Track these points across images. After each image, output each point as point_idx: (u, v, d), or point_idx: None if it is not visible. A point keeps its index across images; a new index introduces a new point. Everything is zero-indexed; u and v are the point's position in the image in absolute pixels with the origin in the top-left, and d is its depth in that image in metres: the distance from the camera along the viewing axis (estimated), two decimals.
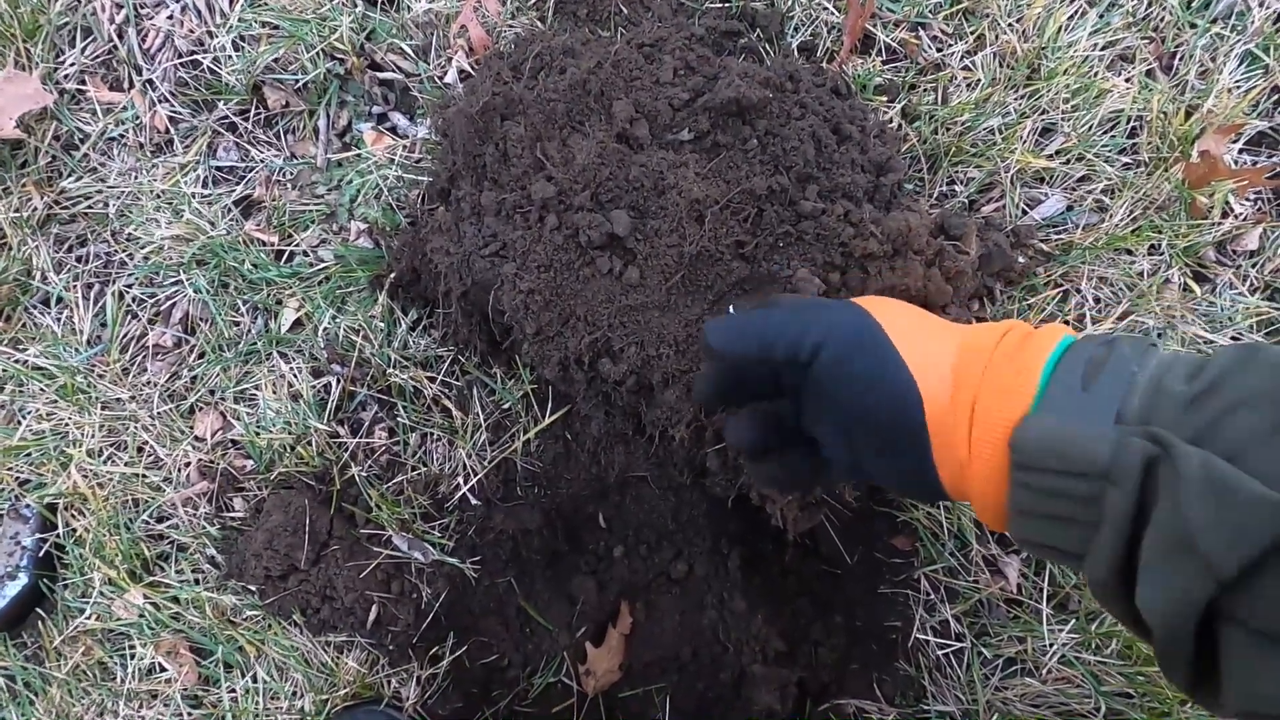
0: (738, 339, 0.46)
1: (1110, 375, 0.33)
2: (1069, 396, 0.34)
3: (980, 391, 0.37)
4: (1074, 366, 0.35)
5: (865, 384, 0.41)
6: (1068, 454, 0.32)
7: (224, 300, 0.84)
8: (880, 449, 0.42)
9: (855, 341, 0.42)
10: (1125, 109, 0.82)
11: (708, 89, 0.71)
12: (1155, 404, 0.32)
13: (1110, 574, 0.32)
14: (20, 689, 0.79)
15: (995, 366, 0.38)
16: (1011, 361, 0.37)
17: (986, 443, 0.36)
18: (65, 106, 0.88)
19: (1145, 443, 0.30)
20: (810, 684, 0.85)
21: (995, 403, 0.37)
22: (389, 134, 0.87)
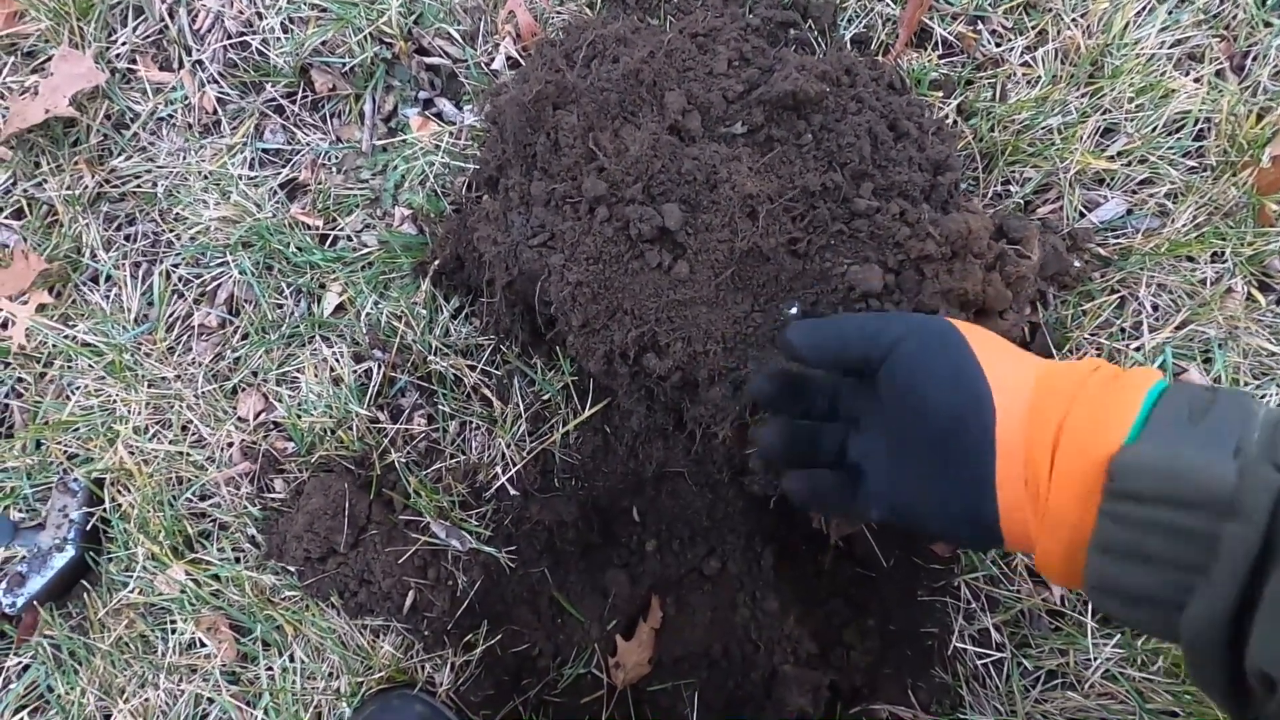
0: (820, 339, 0.45)
1: (1222, 410, 0.31)
2: (1177, 428, 0.31)
3: (1069, 418, 0.35)
4: (1176, 403, 0.32)
5: (938, 383, 0.40)
6: (1180, 481, 0.29)
7: (268, 282, 0.84)
8: (935, 467, 0.40)
9: (937, 341, 0.41)
10: (1193, 110, 0.79)
11: (763, 81, 0.69)
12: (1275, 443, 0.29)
13: (1217, 625, 0.28)
14: (65, 658, 0.81)
15: (1088, 396, 0.35)
16: (1106, 392, 0.35)
17: (1072, 473, 0.33)
18: (116, 85, 0.89)
19: (1278, 474, 0.28)
20: (842, 687, 0.84)
21: (1087, 429, 0.33)
22: (435, 120, 0.86)
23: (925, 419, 0.40)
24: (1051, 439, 0.35)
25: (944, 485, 0.39)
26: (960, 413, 0.39)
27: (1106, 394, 0.35)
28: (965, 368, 0.39)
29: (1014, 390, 0.38)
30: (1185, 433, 0.31)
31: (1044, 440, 0.35)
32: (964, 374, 0.39)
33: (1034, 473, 0.35)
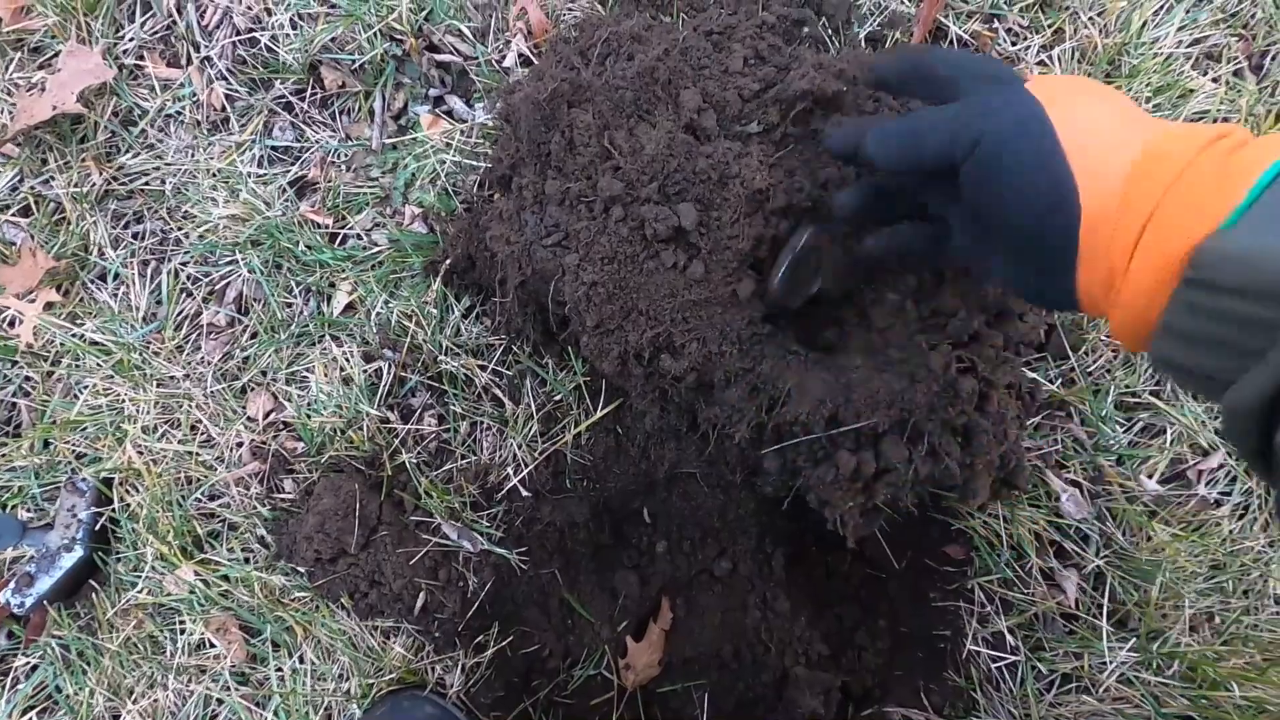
0: (899, 147, 0.44)
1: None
2: (1276, 219, 0.30)
3: (1163, 203, 0.33)
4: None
5: (1018, 186, 0.38)
6: (1261, 273, 0.29)
7: (277, 281, 0.84)
8: (1017, 260, 0.40)
9: (1016, 132, 0.38)
10: (1211, 110, 0.79)
11: (779, 80, 0.68)
12: None
13: (1257, 403, 0.28)
14: (74, 658, 0.81)
15: (1189, 179, 0.33)
16: (1213, 173, 0.33)
17: (1157, 254, 0.33)
18: (124, 82, 0.88)
19: None
20: (854, 689, 0.84)
21: (1181, 216, 0.33)
22: (445, 118, 0.86)
23: (1008, 223, 0.40)
24: (1138, 228, 0.34)
25: (1026, 273, 0.41)
26: (1040, 216, 0.38)
27: (1212, 175, 0.33)
28: (1048, 164, 0.37)
29: (1105, 177, 0.36)
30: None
31: (1131, 228, 0.34)
32: (1046, 171, 0.37)
33: (1115, 259, 0.35)
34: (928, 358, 0.61)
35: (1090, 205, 0.36)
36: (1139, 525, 0.75)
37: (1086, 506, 0.75)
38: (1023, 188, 0.38)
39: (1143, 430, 0.78)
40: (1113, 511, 0.76)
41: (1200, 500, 0.76)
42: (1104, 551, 0.75)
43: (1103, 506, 0.76)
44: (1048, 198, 0.37)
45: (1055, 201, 0.37)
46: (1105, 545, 0.76)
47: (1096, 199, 0.36)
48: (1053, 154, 0.37)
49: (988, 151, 0.39)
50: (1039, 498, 0.77)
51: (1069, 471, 0.77)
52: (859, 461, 0.62)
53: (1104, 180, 0.36)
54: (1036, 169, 0.38)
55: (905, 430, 0.61)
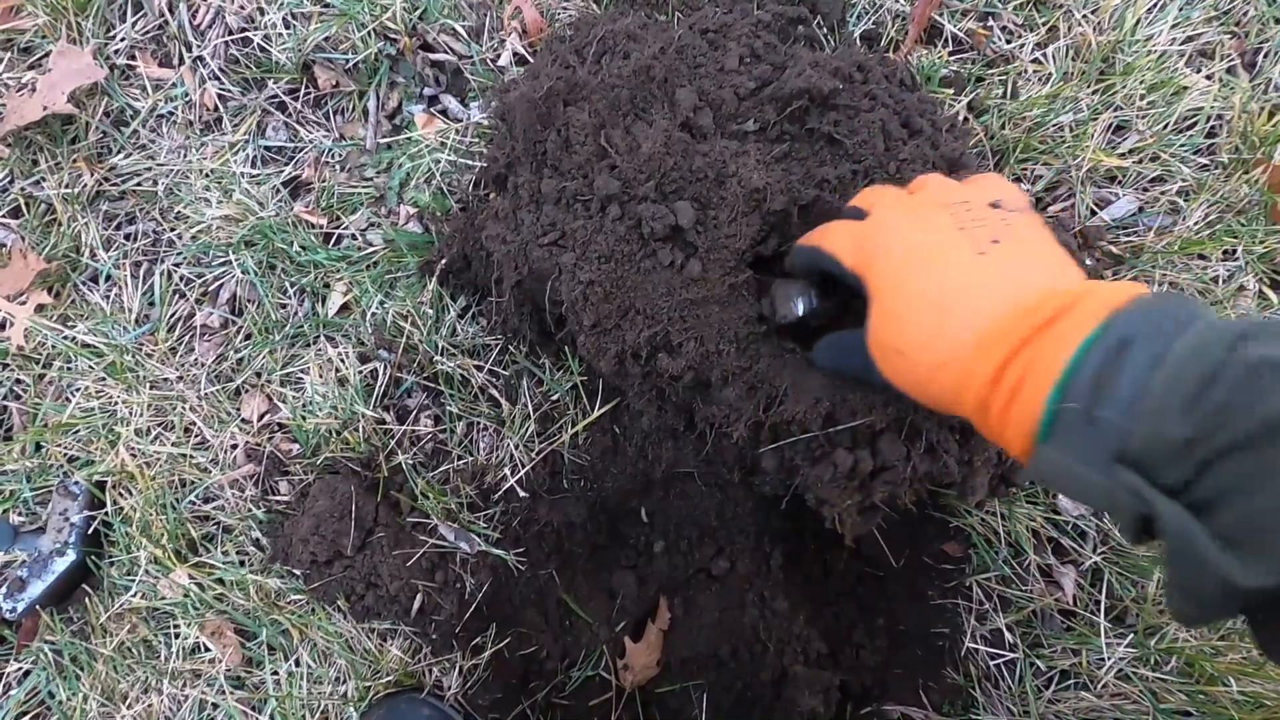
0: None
1: (1113, 404, 0.35)
2: (1074, 432, 0.36)
3: (998, 390, 0.40)
4: (1083, 387, 0.36)
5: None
6: (1075, 493, 0.37)
7: (271, 282, 0.83)
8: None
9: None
10: (1204, 107, 0.79)
11: (775, 78, 0.68)
12: (1151, 447, 0.34)
13: (1136, 532, 0.36)
14: (67, 663, 0.80)
15: (1005, 379, 0.39)
16: (1019, 387, 0.39)
17: (1015, 441, 0.40)
18: (115, 82, 0.88)
19: (1135, 500, 0.34)
20: (853, 687, 0.84)
21: (1014, 420, 0.39)
22: (440, 117, 0.85)
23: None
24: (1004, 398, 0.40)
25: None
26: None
27: (1020, 392, 0.39)
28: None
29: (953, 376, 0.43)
30: (1081, 437, 0.36)
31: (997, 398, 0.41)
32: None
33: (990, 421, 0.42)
34: None
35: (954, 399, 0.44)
36: None
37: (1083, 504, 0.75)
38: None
39: None
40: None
41: None
42: (1101, 548, 0.75)
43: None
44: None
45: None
46: (1102, 542, 0.76)
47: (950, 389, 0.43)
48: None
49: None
50: (1036, 495, 0.77)
51: None
52: (856, 460, 0.62)
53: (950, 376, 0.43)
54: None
55: (903, 428, 0.61)
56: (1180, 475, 0.33)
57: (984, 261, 0.43)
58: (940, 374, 0.42)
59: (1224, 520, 0.31)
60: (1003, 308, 0.40)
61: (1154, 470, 0.33)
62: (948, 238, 0.45)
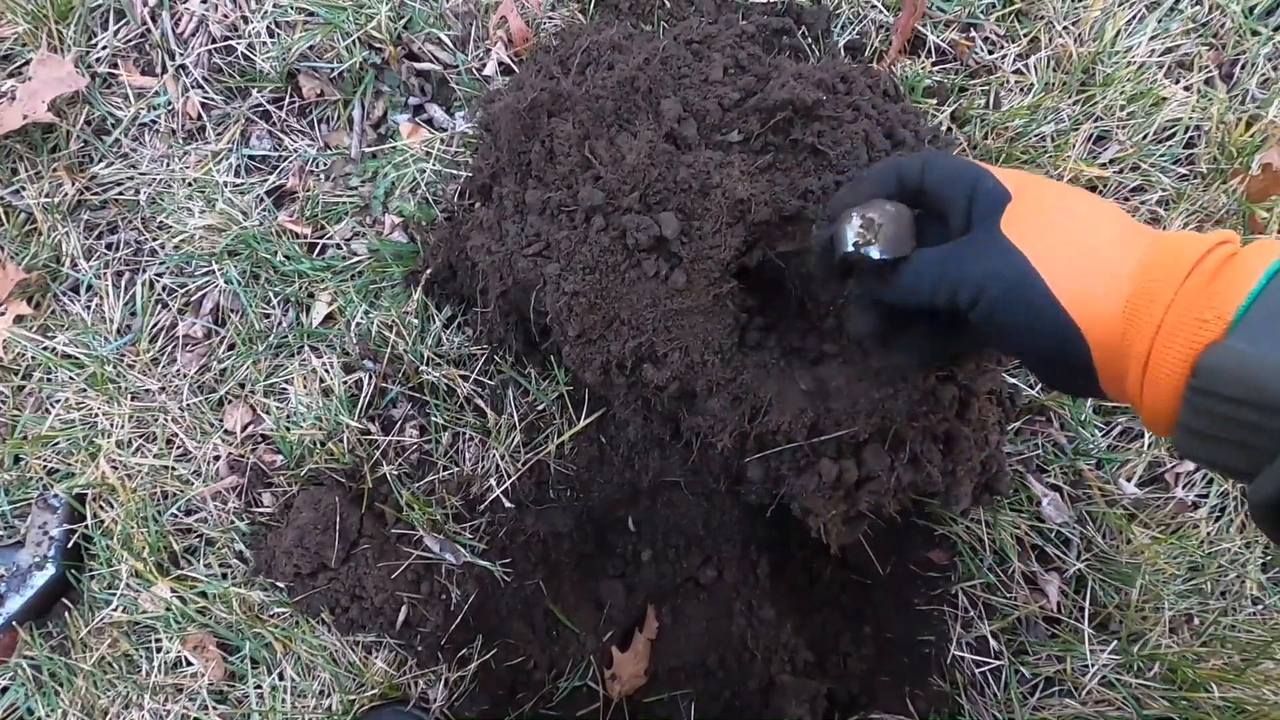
0: (906, 294, 0.46)
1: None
2: (1270, 323, 0.32)
3: (1167, 319, 0.36)
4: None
5: (1024, 334, 0.41)
6: (1258, 386, 0.31)
7: (255, 292, 0.83)
8: (1041, 369, 0.43)
9: (1008, 296, 0.40)
10: (1183, 118, 0.80)
11: (759, 89, 0.69)
12: None
13: (1275, 500, 0.31)
14: (46, 679, 0.79)
15: (1186, 296, 0.35)
16: (1207, 288, 0.35)
17: (1166, 368, 0.35)
18: (97, 90, 0.87)
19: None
20: (839, 695, 0.84)
21: (1184, 330, 0.35)
22: (425, 126, 0.85)
23: (1023, 357, 0.44)
24: (1148, 343, 0.36)
25: (1050, 378, 0.44)
26: (1051, 357, 0.41)
27: (1207, 289, 0.35)
28: (1047, 320, 0.39)
29: (1105, 308, 0.38)
30: (1277, 329, 0.32)
31: (1141, 346, 0.37)
32: (1046, 326, 0.39)
33: (1130, 371, 0.37)
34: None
35: (1098, 339, 0.39)
36: (1119, 528, 0.76)
37: (1067, 510, 0.76)
38: (1028, 340, 0.41)
39: (1121, 434, 0.79)
40: (1093, 515, 0.77)
41: (1178, 503, 0.77)
42: (1085, 555, 0.76)
43: (1083, 510, 0.76)
44: (1054, 345, 0.40)
45: (1061, 347, 0.40)
46: (1086, 549, 0.76)
47: (1102, 333, 0.38)
48: (1049, 310, 0.40)
49: (987, 311, 0.42)
50: (1020, 502, 0.77)
51: (1050, 476, 0.78)
52: (841, 469, 0.62)
53: (1104, 319, 0.38)
54: (1037, 328, 0.40)
55: (887, 438, 0.62)
56: None
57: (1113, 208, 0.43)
58: (1109, 253, 0.39)
59: None
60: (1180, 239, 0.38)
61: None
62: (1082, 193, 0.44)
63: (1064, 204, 0.42)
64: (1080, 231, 0.41)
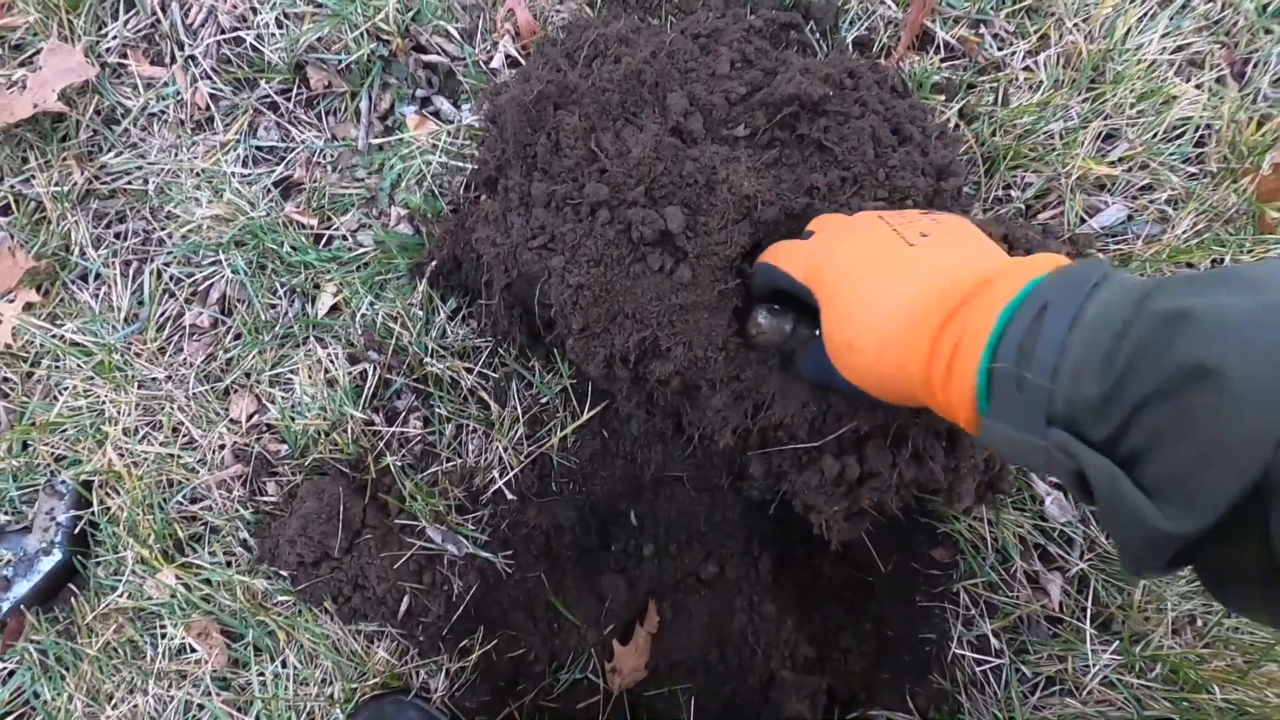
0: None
1: (1038, 365, 0.36)
2: (1008, 395, 0.38)
3: (932, 366, 0.42)
4: (1010, 350, 0.37)
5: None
6: (1019, 459, 0.39)
7: (261, 282, 0.83)
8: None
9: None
10: (1194, 116, 0.79)
11: (766, 84, 0.68)
12: (1075, 405, 0.35)
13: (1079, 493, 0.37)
14: (52, 663, 0.80)
15: (940, 351, 0.41)
16: (953, 361, 0.41)
17: (960, 412, 0.41)
18: (107, 80, 0.88)
19: (1068, 457, 0.35)
20: (839, 692, 0.84)
21: (955, 390, 0.41)
22: (432, 118, 0.85)
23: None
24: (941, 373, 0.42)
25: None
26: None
27: (954, 362, 0.41)
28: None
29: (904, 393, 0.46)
30: (1013, 405, 0.37)
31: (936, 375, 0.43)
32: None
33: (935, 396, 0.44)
34: None
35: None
36: None
37: (1070, 510, 0.76)
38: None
39: None
40: (1096, 514, 0.76)
41: None
42: (1088, 555, 0.76)
43: (1086, 510, 0.76)
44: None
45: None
46: (1089, 548, 0.76)
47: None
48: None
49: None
50: (1023, 501, 0.77)
51: None
52: (843, 466, 0.62)
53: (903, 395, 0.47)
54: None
55: (889, 435, 0.61)
56: (1106, 430, 0.33)
57: (914, 251, 0.46)
58: (885, 358, 0.45)
59: (1149, 471, 0.32)
60: (932, 287, 0.43)
61: (1083, 427, 0.34)
62: (882, 237, 0.49)
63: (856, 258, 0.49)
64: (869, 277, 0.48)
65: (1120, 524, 0.33)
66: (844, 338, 0.48)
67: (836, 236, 0.53)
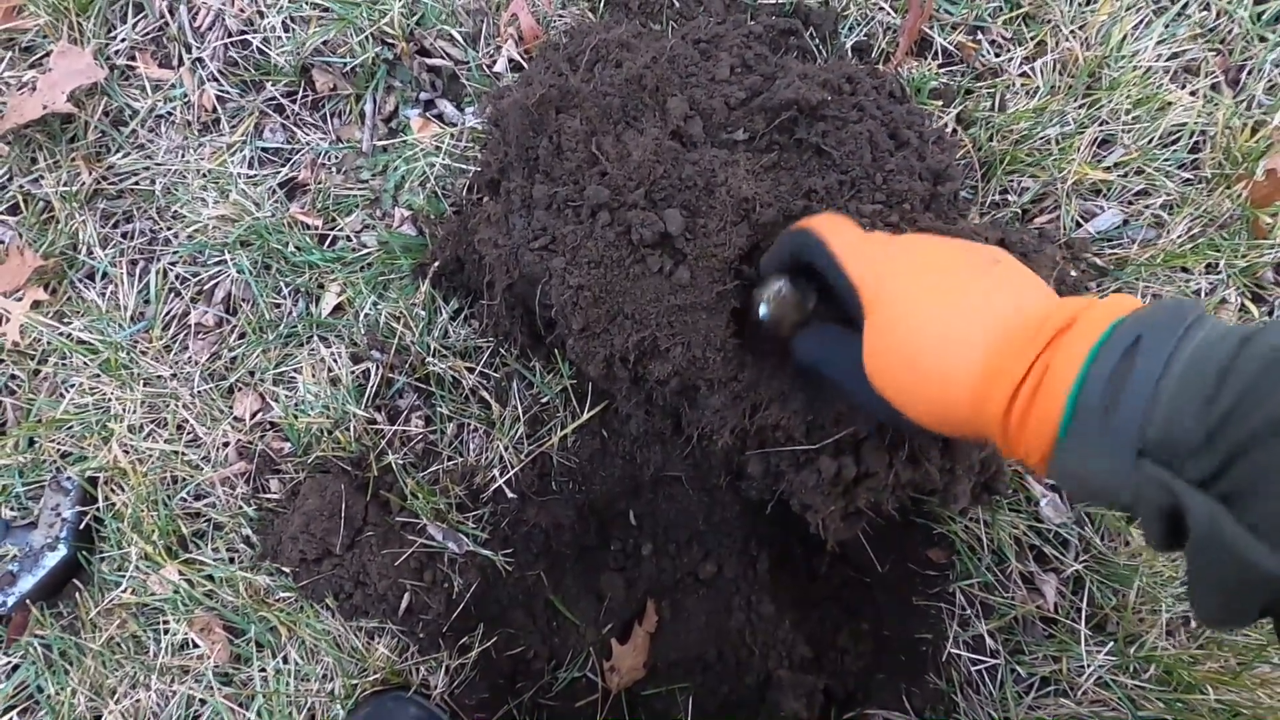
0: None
1: (1130, 398, 0.35)
2: (1093, 427, 0.36)
3: (1015, 409, 0.40)
4: (1098, 384, 0.36)
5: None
6: (1099, 492, 0.37)
7: (266, 282, 0.84)
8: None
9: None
10: (1189, 123, 0.80)
11: (765, 88, 0.70)
12: (1172, 441, 0.34)
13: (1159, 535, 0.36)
14: (56, 658, 0.80)
15: (1025, 388, 0.39)
16: (1036, 398, 0.39)
17: (1034, 445, 0.40)
18: (115, 82, 0.89)
19: (1161, 493, 0.34)
20: (836, 692, 0.85)
21: (1033, 423, 0.39)
22: (436, 121, 0.86)
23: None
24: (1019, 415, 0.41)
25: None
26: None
27: (1038, 398, 0.39)
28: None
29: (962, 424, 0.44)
30: (1099, 435, 0.36)
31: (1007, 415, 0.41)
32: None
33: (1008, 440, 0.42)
34: None
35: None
36: (1117, 530, 0.76)
37: (1066, 511, 0.76)
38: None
39: None
40: (1091, 516, 0.77)
41: None
42: (1083, 556, 0.76)
43: (1081, 511, 0.77)
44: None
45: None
46: (1084, 550, 0.77)
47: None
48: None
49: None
50: (1019, 503, 0.78)
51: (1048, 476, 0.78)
52: (840, 466, 0.63)
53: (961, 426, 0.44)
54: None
55: (886, 436, 0.62)
56: (1204, 469, 0.33)
57: (990, 278, 0.44)
58: (952, 386, 0.42)
59: (1251, 511, 0.31)
60: (1016, 318, 0.41)
61: (1177, 464, 0.33)
62: (955, 256, 0.47)
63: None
64: (941, 305, 0.45)
65: (1215, 563, 0.32)
66: (905, 352, 0.45)
67: (903, 244, 0.50)
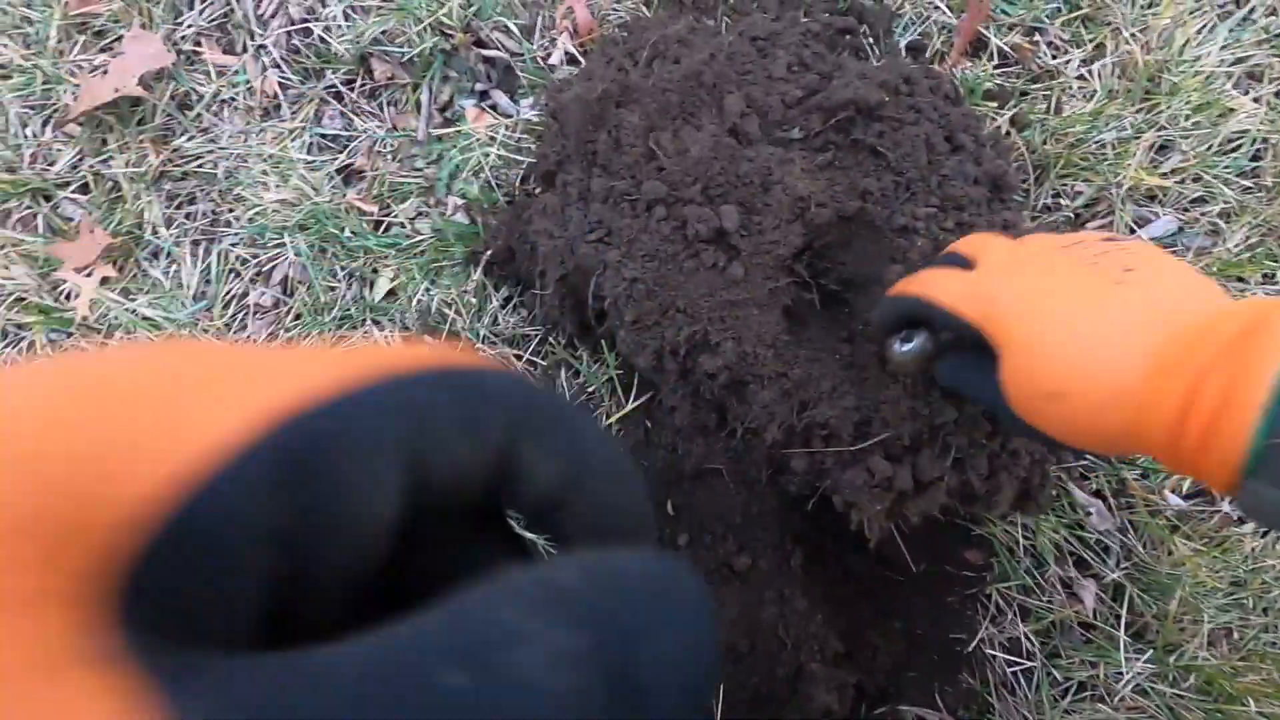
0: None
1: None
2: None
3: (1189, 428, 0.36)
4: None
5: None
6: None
7: (322, 265, 0.87)
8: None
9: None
10: (1250, 130, 0.79)
11: (822, 87, 0.70)
12: None
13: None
14: None
15: (1201, 405, 0.35)
16: (1217, 420, 0.35)
17: (1219, 474, 0.35)
18: (182, 67, 0.91)
19: None
20: (868, 687, 0.85)
21: (1217, 453, 0.35)
22: (490, 112, 0.88)
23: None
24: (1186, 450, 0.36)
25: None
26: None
27: (1223, 417, 0.34)
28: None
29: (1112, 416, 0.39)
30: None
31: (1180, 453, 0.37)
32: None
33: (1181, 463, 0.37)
34: None
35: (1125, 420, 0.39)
36: (1160, 539, 0.76)
37: (1112, 519, 0.76)
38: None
39: None
40: (1134, 524, 0.77)
41: (1223, 517, 0.76)
42: (1124, 563, 0.76)
43: (1124, 519, 0.77)
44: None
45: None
46: (1126, 557, 0.76)
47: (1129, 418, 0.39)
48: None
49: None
50: (1062, 508, 0.78)
51: (1091, 484, 0.78)
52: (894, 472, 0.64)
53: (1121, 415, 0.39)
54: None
55: (936, 443, 0.63)
56: None
57: (1125, 290, 0.40)
58: (1107, 412, 0.39)
59: None
60: (1166, 330, 0.37)
61: None
62: (1078, 274, 0.43)
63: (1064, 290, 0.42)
64: (1081, 328, 0.41)
65: None
66: (1044, 387, 0.41)
67: (1013, 269, 0.46)
